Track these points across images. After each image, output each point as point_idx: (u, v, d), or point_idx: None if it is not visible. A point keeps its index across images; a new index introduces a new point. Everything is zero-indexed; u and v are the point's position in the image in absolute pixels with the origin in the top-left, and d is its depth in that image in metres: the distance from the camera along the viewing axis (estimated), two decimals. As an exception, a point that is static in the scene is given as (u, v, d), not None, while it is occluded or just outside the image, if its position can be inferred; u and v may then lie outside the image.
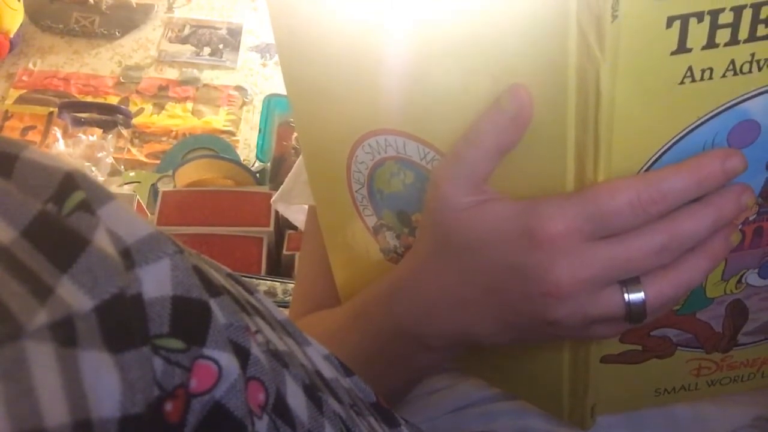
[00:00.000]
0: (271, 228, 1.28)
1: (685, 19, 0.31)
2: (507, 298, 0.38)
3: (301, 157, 0.54)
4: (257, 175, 1.44)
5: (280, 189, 0.63)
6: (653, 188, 0.34)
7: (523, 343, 0.41)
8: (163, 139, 1.59)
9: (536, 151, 0.36)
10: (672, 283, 0.36)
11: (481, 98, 0.36)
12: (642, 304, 0.36)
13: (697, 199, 0.35)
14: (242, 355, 0.27)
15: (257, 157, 1.50)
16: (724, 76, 0.33)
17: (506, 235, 0.36)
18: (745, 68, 0.33)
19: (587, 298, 0.35)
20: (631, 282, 0.36)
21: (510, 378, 0.48)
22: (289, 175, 0.62)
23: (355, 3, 0.37)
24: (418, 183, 0.42)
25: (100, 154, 1.48)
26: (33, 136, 1.56)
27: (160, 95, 1.67)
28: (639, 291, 0.36)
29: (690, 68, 0.33)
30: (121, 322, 0.23)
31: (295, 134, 1.45)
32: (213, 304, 0.26)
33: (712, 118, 0.34)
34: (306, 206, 0.62)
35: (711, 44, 0.32)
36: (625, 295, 0.36)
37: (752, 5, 0.31)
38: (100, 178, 1.43)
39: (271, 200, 0.67)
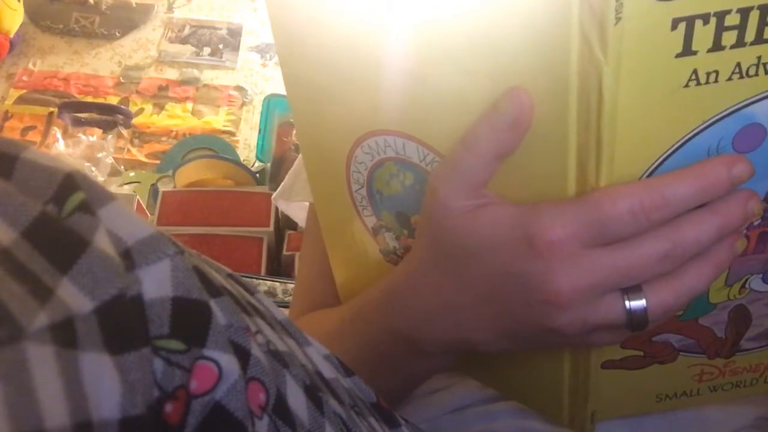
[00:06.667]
0: (271, 228, 1.28)
1: (690, 21, 0.31)
2: (505, 305, 0.37)
3: (301, 154, 0.54)
4: (257, 175, 1.44)
5: (280, 186, 0.63)
6: (656, 194, 0.33)
7: (522, 350, 0.41)
8: (163, 139, 1.59)
9: (537, 156, 0.35)
10: (674, 291, 0.35)
11: (481, 101, 0.35)
12: (643, 311, 0.35)
13: (702, 205, 0.34)
14: (243, 355, 0.27)
15: (257, 158, 1.51)
16: (729, 79, 0.32)
17: (504, 241, 0.35)
18: (752, 71, 0.32)
19: (588, 305, 0.35)
20: (632, 289, 0.35)
21: (510, 384, 0.47)
22: (290, 171, 0.62)
23: (355, 3, 0.37)
24: (418, 185, 0.41)
25: (100, 155, 1.48)
26: (33, 137, 1.56)
27: (160, 95, 1.67)
28: (640, 299, 0.35)
29: (695, 71, 0.32)
30: (122, 324, 0.23)
31: (295, 131, 1.45)
32: (213, 304, 0.26)
33: (717, 122, 0.34)
34: (306, 203, 0.62)
35: (717, 47, 0.31)
36: (626, 303, 0.35)
37: (759, 7, 0.31)
38: (100, 179, 1.43)
39: (272, 197, 0.67)
